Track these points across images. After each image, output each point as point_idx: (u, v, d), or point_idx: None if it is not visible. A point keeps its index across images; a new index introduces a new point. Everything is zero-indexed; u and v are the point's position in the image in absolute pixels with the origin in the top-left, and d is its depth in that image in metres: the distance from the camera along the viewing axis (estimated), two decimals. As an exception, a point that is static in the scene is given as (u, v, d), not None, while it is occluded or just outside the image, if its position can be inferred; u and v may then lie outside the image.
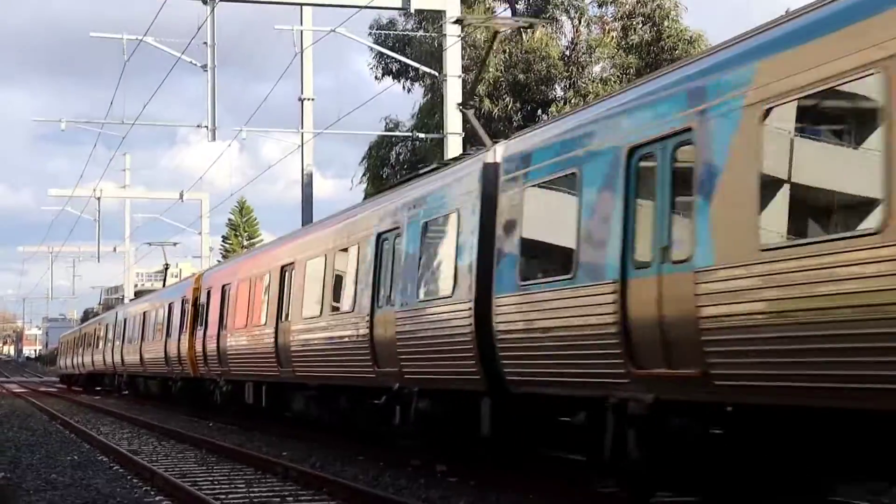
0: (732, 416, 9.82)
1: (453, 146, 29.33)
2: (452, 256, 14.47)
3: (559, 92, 40.77)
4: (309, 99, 36.00)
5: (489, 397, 13.87)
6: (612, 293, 10.70)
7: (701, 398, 9.80)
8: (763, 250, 8.78)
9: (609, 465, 11.40)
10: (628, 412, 10.69)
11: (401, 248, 16.29)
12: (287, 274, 22.22)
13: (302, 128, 35.68)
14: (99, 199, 62.77)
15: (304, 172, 36.68)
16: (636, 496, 11.43)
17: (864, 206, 8.09)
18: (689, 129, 9.93)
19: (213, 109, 33.70)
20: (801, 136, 8.92)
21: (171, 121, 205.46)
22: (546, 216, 12.71)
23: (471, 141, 36.33)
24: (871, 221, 7.89)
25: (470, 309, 13.77)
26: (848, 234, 8.12)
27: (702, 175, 9.68)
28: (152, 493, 14.05)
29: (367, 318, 17.07)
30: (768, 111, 8.92)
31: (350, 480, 14.53)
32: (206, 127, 33.79)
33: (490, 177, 13.87)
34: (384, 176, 45.75)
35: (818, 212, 8.82)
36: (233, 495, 13.62)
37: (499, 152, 13.94)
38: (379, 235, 17.21)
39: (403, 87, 44.09)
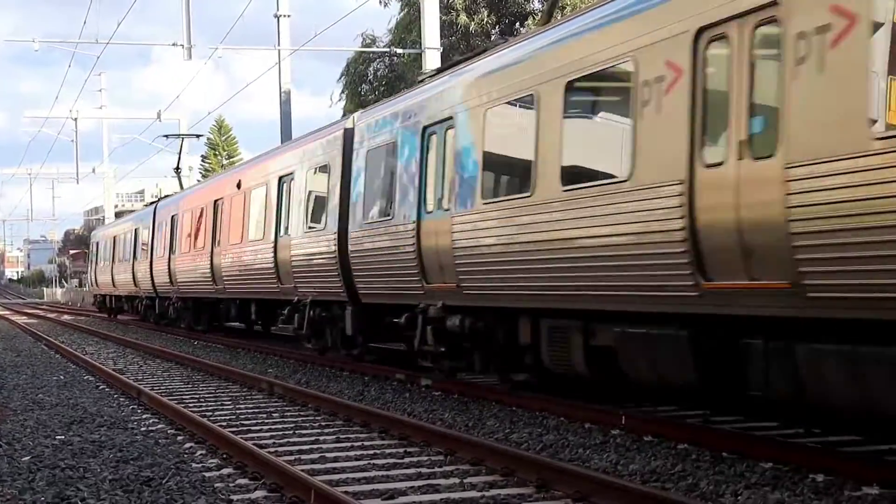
0: None
1: (431, 61, 29.14)
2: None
3: (537, 4, 40.44)
4: (285, 16, 35.67)
5: None
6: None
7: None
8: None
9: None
10: None
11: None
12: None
13: (279, 45, 35.39)
14: (76, 120, 62.29)
15: (282, 90, 36.46)
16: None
17: None
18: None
19: (189, 28, 33.39)
20: None
21: (146, 40, 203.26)
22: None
23: (450, 54, 36.17)
24: None
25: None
26: None
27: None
28: (139, 411, 14.18)
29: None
30: None
31: (335, 395, 14.70)
32: (182, 46, 33.49)
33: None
34: (362, 92, 45.52)
35: None
36: (219, 412, 13.77)
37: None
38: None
39: (380, 2, 43.69)
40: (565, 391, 13.39)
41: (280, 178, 21.71)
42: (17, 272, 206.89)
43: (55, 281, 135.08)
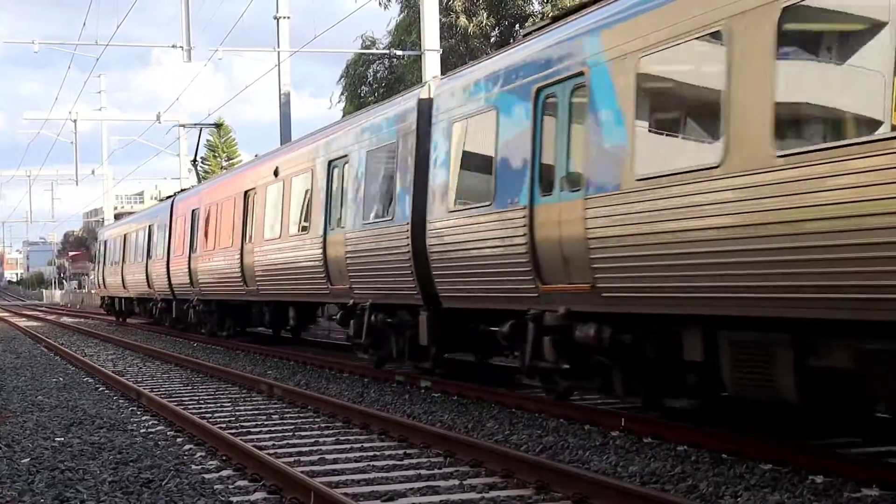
0: None
1: (431, 63, 29.15)
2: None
3: (536, 6, 40.46)
4: (284, 17, 35.68)
5: None
6: None
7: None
8: None
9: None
10: None
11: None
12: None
13: (278, 47, 35.40)
14: (75, 121, 62.27)
15: (282, 92, 36.46)
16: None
17: None
18: None
19: (188, 29, 33.41)
20: None
21: (146, 42, 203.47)
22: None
23: (449, 57, 36.20)
24: None
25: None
26: None
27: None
28: (138, 412, 14.18)
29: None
30: None
31: (334, 397, 14.70)
32: (182, 47, 33.51)
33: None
34: (362, 94, 45.52)
35: None
36: (218, 414, 13.77)
37: None
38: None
39: (380, 4, 43.69)
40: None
41: (330, 163, 18.97)
42: (17, 274, 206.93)
43: (54, 283, 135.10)
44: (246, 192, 24.27)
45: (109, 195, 77.81)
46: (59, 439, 11.60)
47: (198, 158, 40.10)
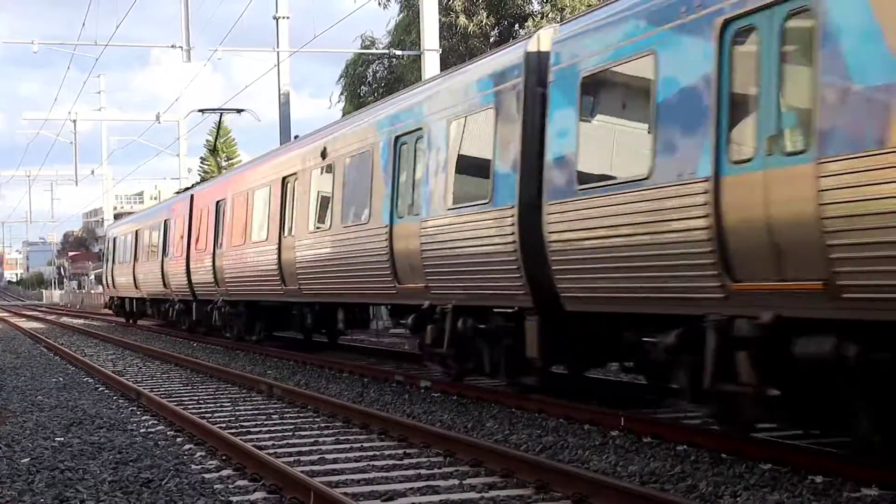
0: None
1: (430, 63, 29.15)
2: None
3: (536, 6, 40.46)
4: (284, 17, 35.67)
5: None
6: None
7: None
8: None
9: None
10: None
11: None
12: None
13: (278, 47, 35.39)
14: (75, 121, 62.26)
15: (281, 92, 36.45)
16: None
17: None
18: None
19: (188, 30, 33.41)
20: None
21: (145, 42, 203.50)
22: None
23: (449, 57, 36.20)
24: None
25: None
26: None
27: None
28: (138, 412, 14.18)
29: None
30: None
31: (334, 397, 14.70)
32: (181, 47, 33.51)
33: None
34: (361, 94, 45.52)
35: None
36: (218, 413, 13.77)
37: None
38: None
39: (379, 4, 43.69)
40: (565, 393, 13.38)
41: (397, 139, 16.14)
42: (16, 274, 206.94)
43: (54, 283, 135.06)
44: (284, 179, 21.44)
45: (109, 195, 77.83)
46: (58, 439, 11.61)
47: (217, 146, 36.36)
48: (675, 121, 9.92)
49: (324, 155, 19.30)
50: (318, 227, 19.44)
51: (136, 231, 38.13)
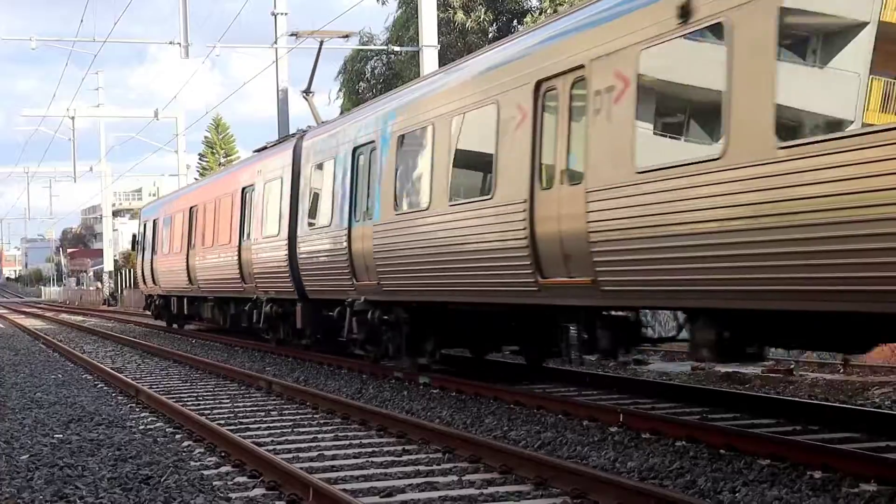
0: None
1: (429, 59, 29.14)
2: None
3: (534, 2, 40.46)
4: (282, 13, 35.64)
5: None
6: None
7: None
8: None
9: None
10: None
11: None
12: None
13: (276, 43, 35.37)
14: (73, 118, 62.25)
15: (279, 88, 36.42)
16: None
17: None
18: None
19: (186, 26, 33.40)
20: None
21: (143, 38, 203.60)
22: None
23: (447, 53, 36.18)
24: None
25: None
26: None
27: None
28: (137, 409, 14.18)
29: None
30: None
31: (333, 394, 14.71)
32: (179, 44, 33.49)
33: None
34: (360, 90, 45.54)
35: None
36: (217, 410, 13.77)
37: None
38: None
39: (378, 0, 43.70)
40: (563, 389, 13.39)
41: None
42: (15, 271, 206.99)
43: (53, 280, 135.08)
44: (539, 84, 11.99)
45: (107, 192, 77.79)
46: (57, 436, 11.60)
47: (312, 89, 25.18)
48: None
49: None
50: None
51: (192, 208, 29.59)
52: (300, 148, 20.69)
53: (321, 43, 28.62)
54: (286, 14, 35.81)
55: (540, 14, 37.79)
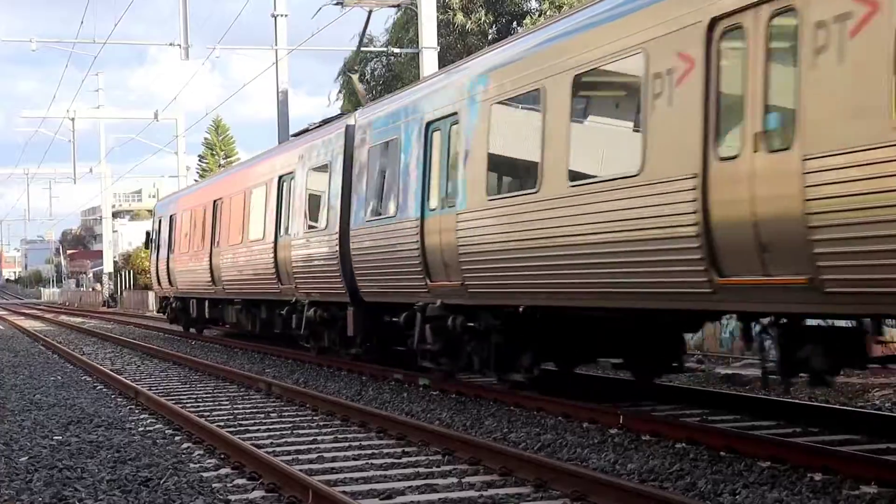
0: None
1: (429, 61, 29.13)
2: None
3: (534, 3, 40.47)
4: (282, 15, 35.64)
5: None
6: None
7: None
8: None
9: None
10: None
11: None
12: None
13: (276, 45, 35.36)
14: (73, 120, 62.23)
15: (279, 90, 36.41)
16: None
17: None
18: None
19: (186, 28, 33.39)
20: None
21: (143, 40, 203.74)
22: None
23: (447, 54, 36.19)
24: None
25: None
26: None
27: None
28: (136, 411, 14.17)
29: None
30: None
31: (333, 395, 14.69)
32: (179, 45, 33.48)
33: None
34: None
35: None
36: (217, 412, 13.76)
37: None
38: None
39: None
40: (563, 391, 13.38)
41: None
42: (15, 272, 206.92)
43: (52, 281, 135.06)
44: (714, 22, 9.66)
45: (107, 193, 77.77)
46: (57, 438, 11.59)
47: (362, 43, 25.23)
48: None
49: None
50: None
51: (216, 201, 26.92)
52: (353, 128, 18.12)
53: (370, 13, 26.95)
54: (286, 16, 35.82)
55: (539, 16, 37.79)
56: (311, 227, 19.64)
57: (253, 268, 23.11)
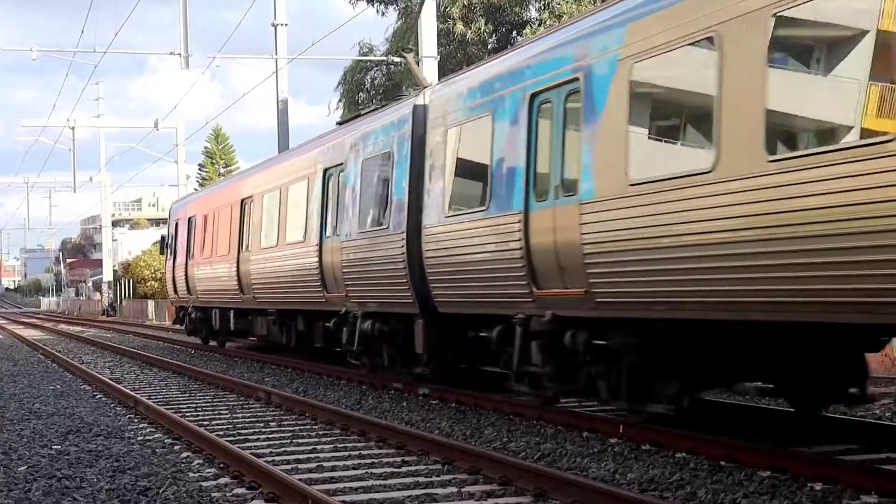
0: None
1: (428, 69, 29.16)
2: None
3: (533, 13, 40.51)
4: (282, 25, 35.69)
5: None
6: None
7: None
8: None
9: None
10: None
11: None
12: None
13: (276, 54, 35.41)
14: (73, 128, 62.25)
15: (279, 99, 36.45)
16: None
17: None
18: None
19: (186, 36, 33.44)
20: None
21: (143, 49, 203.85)
22: None
23: (447, 63, 36.22)
24: None
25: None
26: None
27: None
28: (136, 420, 14.15)
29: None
30: None
31: (332, 404, 14.68)
32: (180, 54, 33.52)
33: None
34: (360, 101, 45.55)
35: None
36: (216, 421, 13.74)
37: None
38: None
39: (377, 11, 43.74)
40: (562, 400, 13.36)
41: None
42: (14, 281, 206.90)
43: (52, 290, 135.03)
44: None
45: (107, 202, 77.78)
46: (56, 447, 11.57)
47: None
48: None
49: None
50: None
51: (244, 200, 24.40)
52: (423, 109, 15.56)
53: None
54: (286, 25, 35.87)
55: (539, 25, 37.83)
56: (368, 226, 16.97)
57: (291, 274, 20.52)
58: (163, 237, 35.10)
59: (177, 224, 31.23)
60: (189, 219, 29.69)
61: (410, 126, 15.68)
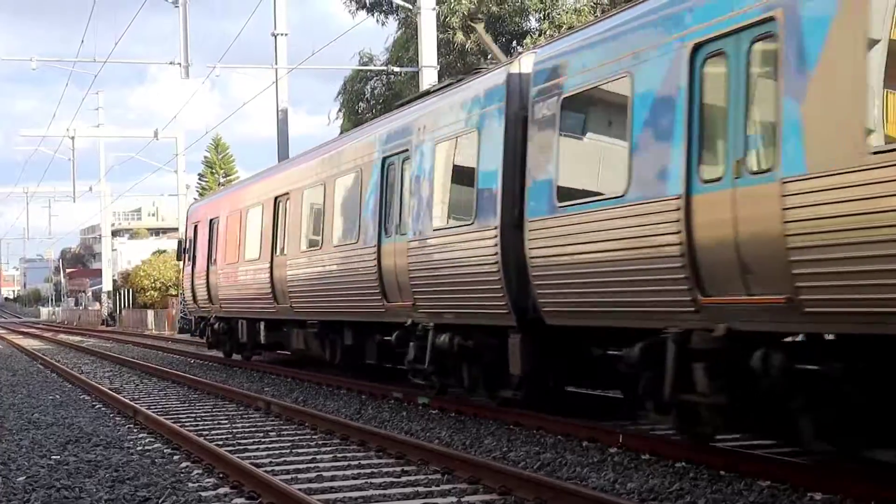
0: None
1: (428, 79, 29.20)
2: None
3: (533, 24, 40.59)
4: (283, 34, 35.73)
5: None
6: None
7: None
8: None
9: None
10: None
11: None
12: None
13: (276, 63, 35.44)
14: (73, 138, 62.26)
15: (279, 109, 36.48)
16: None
17: None
18: None
19: (186, 46, 33.47)
20: None
21: (143, 59, 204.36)
22: None
23: (447, 73, 36.24)
24: None
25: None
26: None
27: None
28: (135, 430, 14.14)
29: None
30: None
31: (332, 414, 14.66)
32: (180, 64, 33.55)
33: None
34: (360, 111, 45.61)
35: None
36: (215, 431, 13.73)
37: None
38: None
39: (377, 21, 43.82)
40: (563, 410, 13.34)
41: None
42: (14, 291, 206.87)
43: (51, 300, 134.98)
44: None
45: (107, 212, 77.83)
46: (55, 457, 11.56)
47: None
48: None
49: None
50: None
51: (278, 199, 21.88)
52: (520, 78, 13.01)
53: None
54: (286, 34, 35.91)
55: (539, 35, 37.89)
56: (444, 222, 14.55)
57: (340, 280, 18.03)
58: (179, 241, 32.65)
59: (196, 226, 28.27)
60: (210, 220, 26.68)
61: (503, 100, 13.19)
